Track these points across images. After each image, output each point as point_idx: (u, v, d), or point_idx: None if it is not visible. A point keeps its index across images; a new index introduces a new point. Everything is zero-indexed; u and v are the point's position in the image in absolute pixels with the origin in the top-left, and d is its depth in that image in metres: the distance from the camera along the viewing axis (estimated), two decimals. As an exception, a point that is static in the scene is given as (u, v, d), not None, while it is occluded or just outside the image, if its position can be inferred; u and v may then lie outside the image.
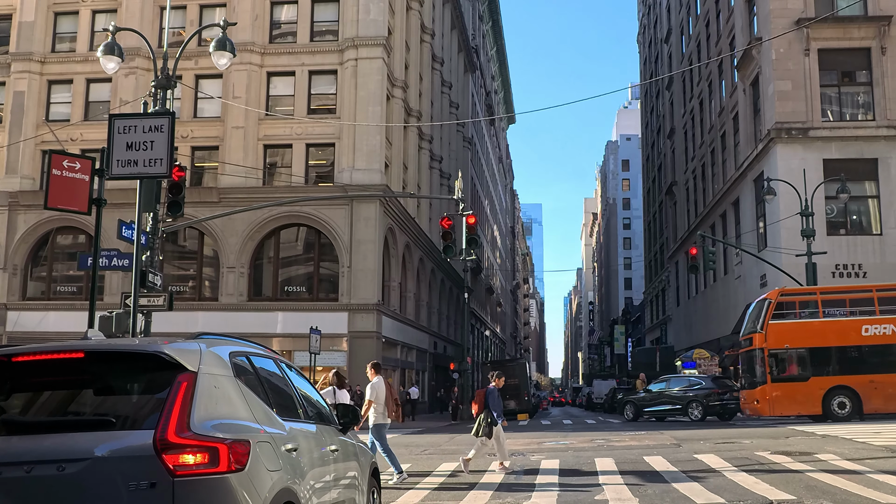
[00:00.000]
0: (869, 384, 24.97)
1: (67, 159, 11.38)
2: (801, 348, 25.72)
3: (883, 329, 25.43)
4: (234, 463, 3.93)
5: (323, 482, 5.16)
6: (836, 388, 25.06)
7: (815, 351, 25.69)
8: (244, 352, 4.98)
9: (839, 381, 25.19)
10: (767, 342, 25.60)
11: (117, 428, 3.94)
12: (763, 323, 25.99)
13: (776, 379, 25.43)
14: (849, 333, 25.73)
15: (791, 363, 25.87)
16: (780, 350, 25.65)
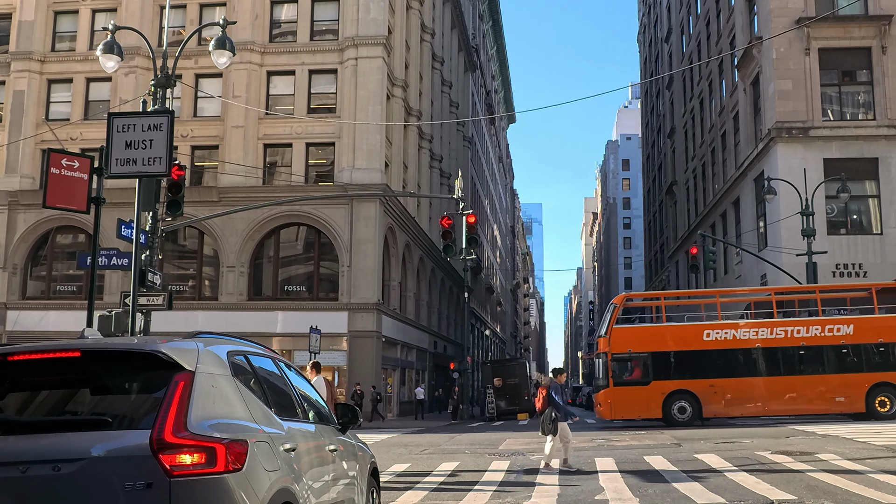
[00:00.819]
0: (709, 388, 25.52)
1: (66, 158, 11.34)
2: (643, 353, 26.23)
3: (724, 334, 25.99)
4: (231, 463, 3.89)
5: (322, 482, 5.13)
6: (677, 392, 25.58)
7: (656, 355, 26.21)
8: (242, 351, 4.94)
9: (680, 386, 25.72)
10: (611, 346, 26.10)
11: (114, 428, 3.90)
12: (608, 328, 26.53)
13: (619, 383, 25.94)
14: (690, 338, 26.25)
15: (633, 367, 26.34)
16: (623, 354, 26.13)
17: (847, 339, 25.55)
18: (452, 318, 59.27)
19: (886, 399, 24.88)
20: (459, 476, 13.00)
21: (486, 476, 12.82)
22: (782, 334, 25.88)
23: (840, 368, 25.35)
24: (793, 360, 25.88)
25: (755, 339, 25.85)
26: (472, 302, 57.18)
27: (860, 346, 25.41)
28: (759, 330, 26.14)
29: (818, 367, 25.63)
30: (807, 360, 25.88)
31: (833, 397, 25.26)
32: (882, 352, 25.15)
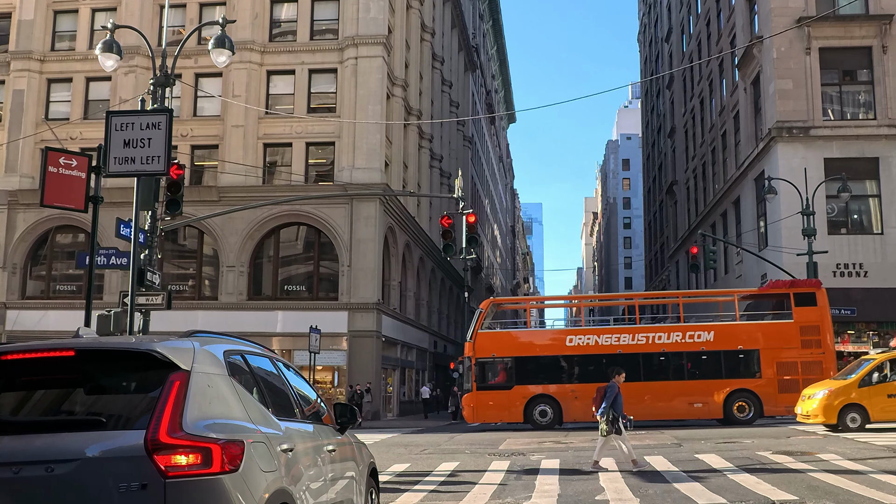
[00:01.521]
0: (570, 393, 25.89)
1: (64, 156, 11.28)
2: (506, 357, 26.59)
3: (586, 339, 26.48)
4: (227, 464, 3.84)
5: (320, 482, 5.08)
6: (538, 396, 25.94)
7: (520, 360, 26.55)
8: (239, 350, 4.88)
9: (541, 390, 26.10)
10: (475, 351, 26.40)
11: (108, 428, 3.85)
12: (473, 332, 26.82)
13: (482, 387, 26.24)
14: (553, 343, 26.79)
15: (497, 371, 26.66)
16: (487, 359, 26.45)
17: (707, 345, 25.95)
18: (452, 318, 59.22)
19: (745, 404, 25.20)
20: (459, 476, 12.96)
21: (485, 476, 12.78)
22: (644, 340, 26.34)
23: (700, 374, 25.72)
24: (654, 365, 26.32)
25: (617, 345, 26.35)
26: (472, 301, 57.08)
27: (720, 353, 25.73)
28: (620, 336, 26.60)
29: (679, 373, 26.08)
30: (668, 366, 26.36)
31: (692, 403, 25.69)
32: (741, 358, 25.39)
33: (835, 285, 31.47)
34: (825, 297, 26.47)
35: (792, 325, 26.00)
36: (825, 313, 26.20)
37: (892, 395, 19.75)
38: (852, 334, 32.75)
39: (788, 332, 25.71)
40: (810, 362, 25.35)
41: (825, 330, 25.92)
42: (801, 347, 25.34)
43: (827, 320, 26.22)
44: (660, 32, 69.52)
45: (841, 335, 32.76)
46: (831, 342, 26.04)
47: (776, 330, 26.13)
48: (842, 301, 30.32)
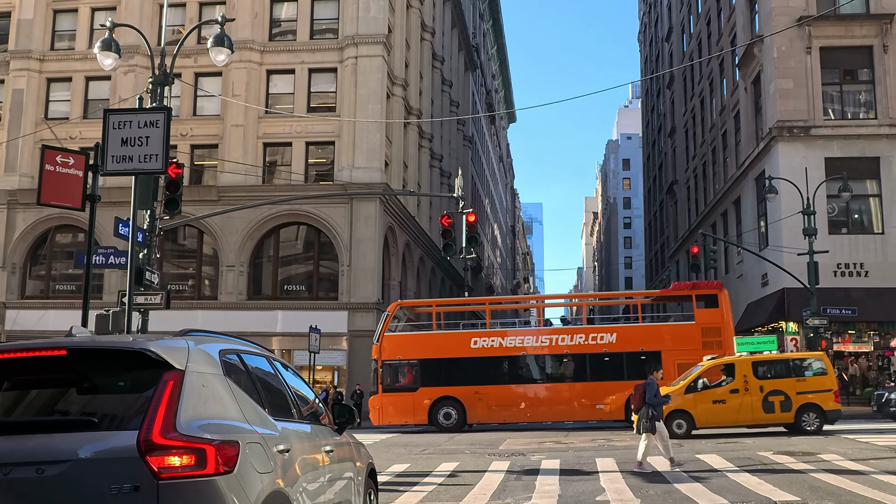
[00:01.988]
0: (474, 395, 26.04)
1: (60, 154, 11.20)
2: (412, 360, 26.73)
3: (490, 342, 26.59)
4: (222, 465, 3.77)
5: (317, 484, 5.01)
6: (443, 398, 26.01)
7: (425, 362, 26.67)
8: (235, 349, 4.81)
9: (446, 392, 26.14)
10: (382, 354, 26.54)
11: (100, 428, 3.78)
12: (380, 335, 26.93)
13: (388, 389, 26.39)
14: (458, 346, 26.79)
15: (403, 374, 26.79)
16: (393, 361, 26.59)
17: (610, 347, 26.06)
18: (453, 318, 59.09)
19: None
20: (459, 476, 12.90)
21: (485, 476, 12.72)
22: (547, 342, 26.49)
23: (603, 376, 25.76)
24: (557, 367, 26.47)
25: (521, 346, 26.50)
26: (472, 301, 56.98)
27: (622, 355, 25.77)
28: (525, 338, 26.88)
29: (582, 374, 26.16)
30: (571, 367, 26.46)
31: (594, 405, 25.79)
32: (643, 360, 25.25)
33: (835, 285, 31.43)
34: (727, 298, 26.67)
35: (694, 326, 26.16)
36: (727, 315, 26.34)
37: (717, 401, 19.93)
38: (853, 334, 32.71)
39: (690, 334, 25.82)
40: None
41: (726, 331, 26.04)
42: (702, 349, 25.23)
43: (728, 322, 26.34)
44: (660, 32, 69.45)
45: (841, 335, 32.73)
46: (732, 343, 26.03)
47: (678, 331, 26.29)
48: (842, 301, 30.27)
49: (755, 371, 20.13)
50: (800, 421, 19.62)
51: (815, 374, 20.18)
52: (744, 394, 19.77)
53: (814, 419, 19.57)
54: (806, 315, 28.72)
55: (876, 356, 32.40)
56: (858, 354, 32.61)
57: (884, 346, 32.63)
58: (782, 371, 20.43)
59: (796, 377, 20.09)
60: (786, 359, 21.05)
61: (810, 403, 19.67)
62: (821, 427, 19.51)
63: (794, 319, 31.35)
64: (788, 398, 19.66)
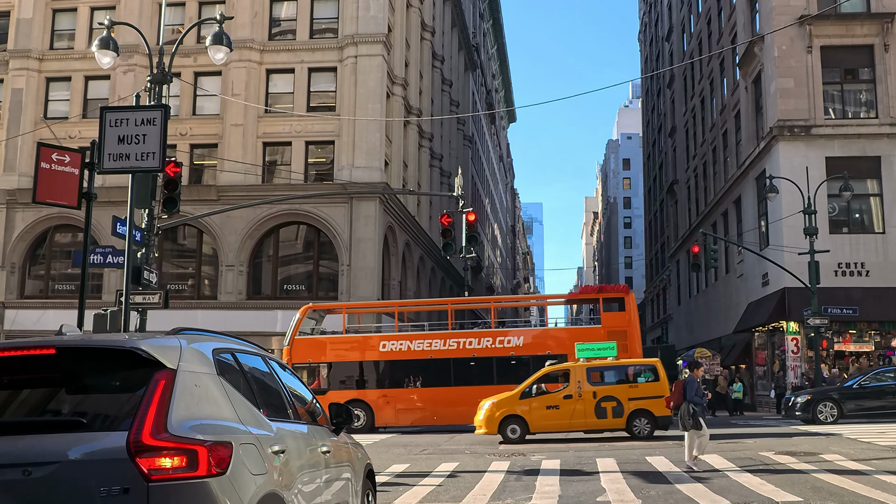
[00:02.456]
0: (381, 398, 26.23)
1: (57, 152, 11.12)
2: (322, 363, 26.77)
3: (399, 345, 26.63)
4: (214, 466, 3.67)
5: (314, 485, 4.92)
6: (351, 401, 25.87)
7: (334, 366, 26.82)
8: (229, 348, 4.71)
9: (354, 395, 26.20)
10: (292, 357, 26.46)
11: (89, 429, 3.68)
12: (290, 338, 26.88)
13: None
14: (367, 349, 26.91)
15: (313, 377, 26.73)
16: (303, 364, 26.50)
17: (517, 350, 26.08)
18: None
19: None
20: (459, 477, 12.82)
21: (485, 477, 12.64)
22: (455, 346, 26.41)
23: (510, 379, 25.43)
24: (465, 371, 26.34)
25: (429, 350, 26.46)
26: (472, 301, 56.87)
27: (529, 358, 25.61)
28: (433, 341, 26.76)
29: (489, 377, 26.02)
30: (478, 370, 26.38)
31: None
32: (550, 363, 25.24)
33: (836, 284, 31.35)
34: (633, 302, 26.72)
35: (599, 330, 26.15)
36: (633, 318, 26.37)
37: (551, 406, 20.07)
38: (854, 334, 32.63)
39: (595, 337, 25.67)
40: None
41: (632, 335, 26.04)
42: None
43: (634, 325, 26.34)
44: (660, 31, 69.39)
45: (842, 335, 32.65)
46: (638, 347, 26.07)
47: (584, 335, 26.21)
48: (843, 300, 30.19)
49: (589, 377, 20.39)
50: (631, 427, 19.95)
51: (648, 381, 20.43)
52: (577, 399, 20.03)
53: (645, 425, 19.86)
54: (807, 315, 28.65)
55: (877, 356, 32.32)
56: (859, 354, 32.51)
57: (884, 346, 32.55)
58: (615, 378, 20.77)
59: (629, 384, 20.42)
60: (619, 365, 21.23)
61: (642, 409, 19.94)
62: (651, 433, 19.80)
63: (794, 319, 31.28)
64: (621, 404, 19.92)
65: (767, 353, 36.11)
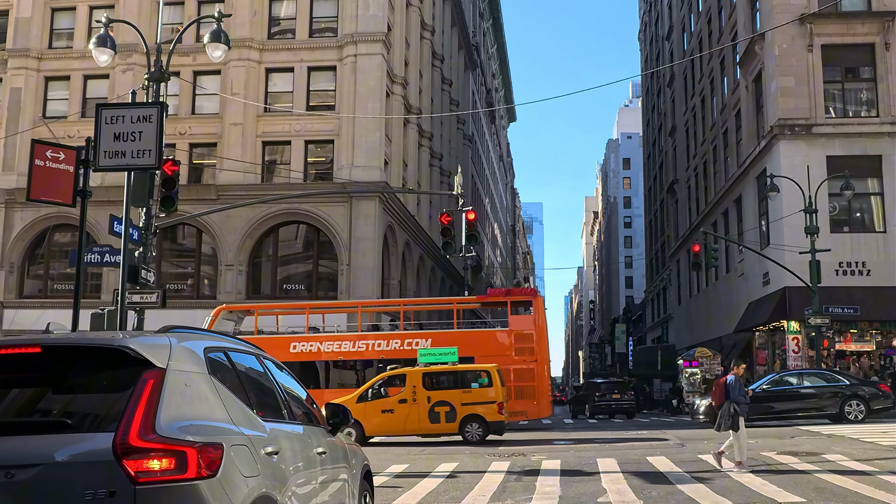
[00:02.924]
0: None
1: (51, 149, 11.01)
2: None
3: (309, 346, 26.69)
4: (204, 468, 3.56)
5: (309, 487, 4.81)
6: None
7: None
8: (221, 347, 4.59)
9: None
10: None
11: (75, 430, 3.57)
12: None
13: None
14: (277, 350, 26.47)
15: None
16: None
17: None
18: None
19: None
20: (458, 477, 12.73)
21: (485, 477, 12.55)
22: (364, 347, 26.35)
23: None
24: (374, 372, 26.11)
25: (338, 351, 26.42)
26: (472, 301, 56.70)
27: None
28: (342, 343, 26.70)
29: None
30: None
31: None
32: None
33: (837, 284, 31.25)
34: (542, 305, 26.73)
35: (507, 332, 26.08)
36: (540, 321, 26.27)
37: (386, 410, 20.32)
38: (854, 333, 32.53)
39: (503, 340, 25.72)
40: (523, 370, 25.30)
41: (540, 338, 25.91)
42: (514, 355, 25.24)
43: (542, 328, 26.22)
44: (660, 31, 69.29)
45: (843, 334, 32.55)
46: (544, 350, 25.92)
47: (492, 337, 26.28)
48: (844, 300, 30.08)
49: (424, 382, 20.57)
50: (463, 431, 20.08)
51: (482, 387, 20.50)
52: (412, 404, 20.23)
53: (476, 430, 19.98)
54: (808, 314, 28.55)
55: (878, 355, 32.24)
56: (860, 354, 32.42)
57: (885, 346, 32.46)
58: (450, 383, 20.88)
59: (462, 389, 20.49)
60: (454, 371, 21.28)
61: (474, 415, 20.10)
62: (484, 437, 19.91)
63: (795, 318, 31.17)
64: (454, 409, 20.06)
65: (768, 353, 36.01)
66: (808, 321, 28.80)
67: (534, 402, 25.11)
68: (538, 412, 25.45)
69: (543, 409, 25.49)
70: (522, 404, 24.88)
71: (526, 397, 25.02)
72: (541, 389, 25.29)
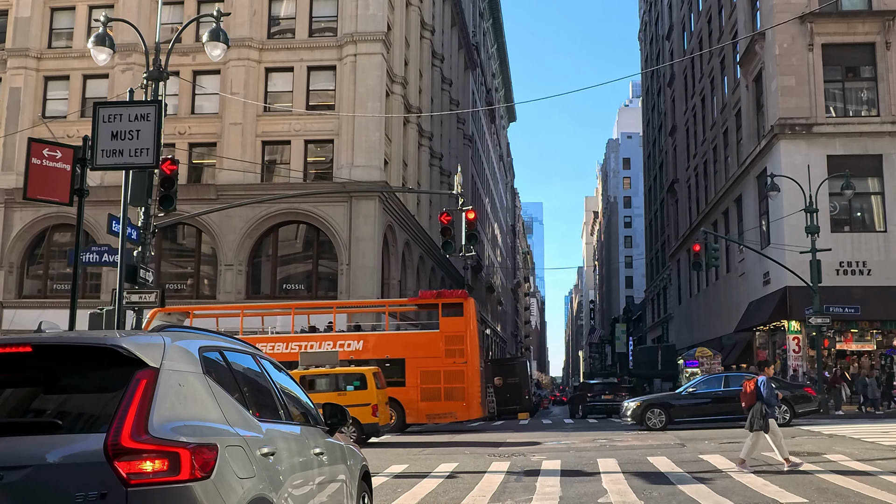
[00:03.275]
0: None
1: (48, 148, 10.93)
2: None
3: None
4: (198, 470, 3.50)
5: (306, 488, 4.75)
6: None
7: None
8: (216, 346, 4.52)
9: None
10: None
11: (66, 431, 3.50)
12: None
13: None
14: None
15: None
16: None
17: (356, 354, 25.88)
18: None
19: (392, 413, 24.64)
20: (458, 478, 12.67)
21: (485, 477, 12.49)
22: (297, 349, 26.16)
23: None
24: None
25: (271, 353, 26.15)
26: (472, 301, 56.65)
27: (369, 362, 25.29)
28: (275, 345, 26.64)
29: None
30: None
31: None
32: (388, 368, 24.92)
33: (838, 283, 31.19)
34: (472, 307, 26.58)
35: (438, 334, 26.03)
36: (470, 323, 26.20)
37: None
38: (855, 333, 32.47)
39: (434, 342, 25.65)
40: (453, 371, 25.22)
41: (469, 340, 25.87)
42: (444, 357, 25.18)
43: (472, 331, 26.16)
44: (661, 30, 69.23)
45: (844, 334, 32.50)
46: (474, 352, 25.86)
47: (423, 340, 26.21)
48: (845, 299, 30.02)
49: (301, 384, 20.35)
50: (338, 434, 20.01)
51: (357, 389, 20.62)
52: None
53: (351, 432, 19.94)
54: (808, 314, 28.50)
55: (879, 355, 32.19)
56: (861, 353, 32.37)
57: (886, 345, 32.41)
58: (326, 386, 20.96)
59: (338, 392, 20.56)
60: (330, 374, 21.34)
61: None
62: (357, 440, 19.77)
63: (796, 318, 31.12)
64: None
65: (769, 353, 35.95)
66: (808, 321, 28.75)
67: (463, 403, 25.03)
68: (467, 414, 25.30)
69: (473, 410, 25.30)
70: (452, 406, 24.97)
71: (455, 399, 25.01)
72: (470, 391, 25.21)
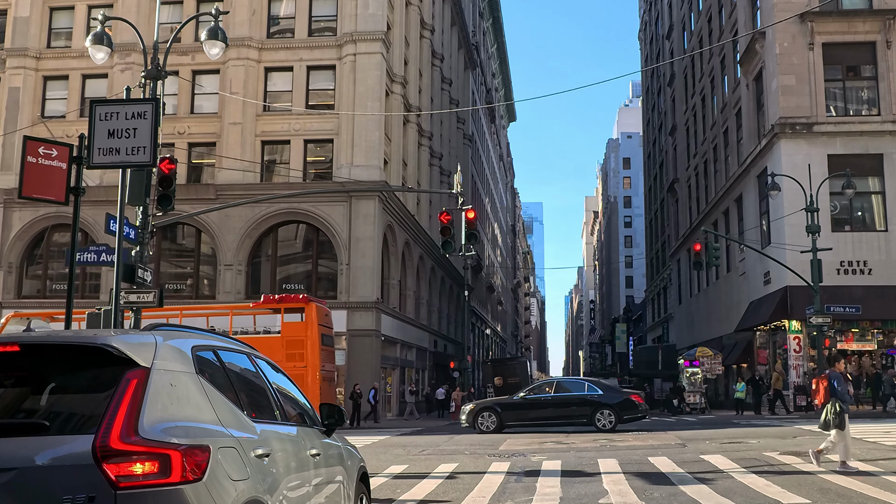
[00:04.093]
0: None
1: (44, 146, 10.87)
2: None
3: None
4: (189, 472, 3.41)
5: (302, 490, 4.67)
6: None
7: None
8: (210, 346, 4.44)
9: None
10: None
11: (54, 432, 3.41)
12: None
13: None
14: None
15: None
16: None
17: None
18: (453, 317, 58.86)
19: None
20: (458, 478, 12.58)
21: (485, 478, 12.41)
22: None
23: None
24: None
25: None
26: (472, 301, 56.72)
27: None
28: None
29: None
30: None
31: None
32: None
33: (839, 283, 31.14)
34: (314, 311, 26.60)
35: (279, 339, 26.10)
36: (312, 328, 26.28)
37: None
38: (856, 332, 32.41)
39: (276, 346, 25.58)
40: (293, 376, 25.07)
41: (311, 344, 25.98)
42: (286, 361, 25.05)
43: (314, 335, 26.23)
44: (661, 30, 69.14)
45: (845, 333, 32.43)
46: (314, 356, 25.95)
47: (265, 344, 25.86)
48: (846, 299, 29.96)
49: None
50: None
51: None
52: None
53: None
54: (809, 313, 28.43)
55: (879, 354, 32.12)
56: (862, 353, 32.30)
57: (887, 345, 32.34)
58: None
59: None
60: None
61: None
62: None
63: (797, 318, 31.06)
64: None
65: (769, 352, 35.88)
66: (809, 320, 28.69)
67: None
68: None
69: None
70: None
71: None
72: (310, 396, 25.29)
